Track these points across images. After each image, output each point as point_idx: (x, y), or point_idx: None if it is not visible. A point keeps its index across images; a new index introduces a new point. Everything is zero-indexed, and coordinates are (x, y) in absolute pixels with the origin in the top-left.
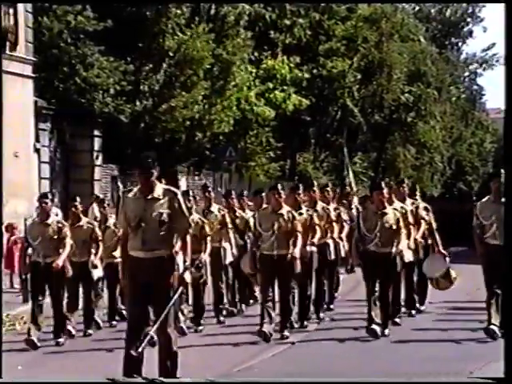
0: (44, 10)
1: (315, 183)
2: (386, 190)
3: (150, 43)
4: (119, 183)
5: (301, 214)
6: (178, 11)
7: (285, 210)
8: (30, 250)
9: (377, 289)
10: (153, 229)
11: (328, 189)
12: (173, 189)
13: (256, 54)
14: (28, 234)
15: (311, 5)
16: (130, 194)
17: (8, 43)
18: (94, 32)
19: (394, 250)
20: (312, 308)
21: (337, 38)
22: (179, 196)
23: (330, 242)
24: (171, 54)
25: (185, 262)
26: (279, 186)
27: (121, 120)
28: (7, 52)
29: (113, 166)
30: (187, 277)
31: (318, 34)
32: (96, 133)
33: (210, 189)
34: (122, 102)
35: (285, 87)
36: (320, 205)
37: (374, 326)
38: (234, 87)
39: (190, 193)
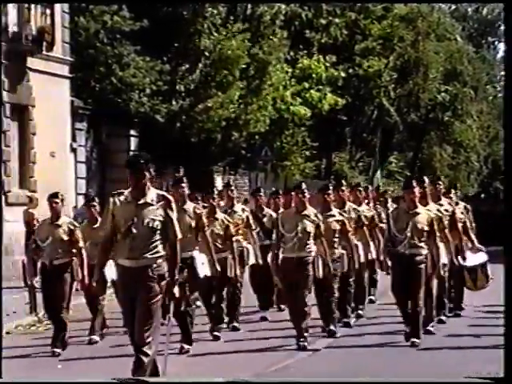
0: (81, 10)
1: (343, 182)
2: (417, 189)
3: (186, 43)
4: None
5: (332, 216)
6: (215, 11)
7: (311, 211)
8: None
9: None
10: (143, 236)
11: (360, 188)
12: (166, 195)
13: (292, 53)
14: (36, 235)
15: (347, 4)
16: (121, 198)
17: (45, 43)
18: (131, 32)
19: (424, 252)
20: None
21: (373, 38)
22: (173, 203)
23: (359, 244)
24: (207, 54)
25: (171, 272)
26: (303, 186)
27: (157, 120)
28: (44, 52)
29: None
30: (175, 289)
31: (354, 34)
32: (132, 132)
33: (232, 187)
34: (158, 101)
35: (321, 87)
36: (349, 205)
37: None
38: (269, 87)
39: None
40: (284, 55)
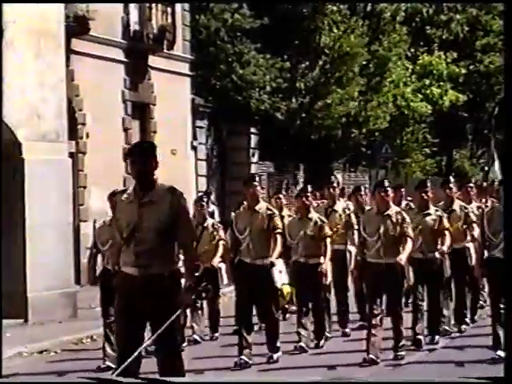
0: (201, 8)
1: (451, 179)
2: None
3: (306, 40)
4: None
5: (429, 214)
6: (335, 8)
7: (393, 210)
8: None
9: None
10: (149, 240)
11: (471, 185)
12: (176, 188)
13: (412, 49)
14: (97, 239)
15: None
16: (123, 196)
17: (166, 42)
18: (251, 29)
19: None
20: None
21: (494, 33)
22: (183, 198)
23: (470, 245)
24: (327, 51)
25: (188, 281)
26: (386, 183)
27: (277, 117)
28: (165, 50)
29: (269, 163)
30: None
31: (475, 30)
32: (252, 130)
33: (335, 184)
34: (278, 99)
35: (441, 83)
36: (457, 203)
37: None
38: (390, 83)
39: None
40: (404, 52)
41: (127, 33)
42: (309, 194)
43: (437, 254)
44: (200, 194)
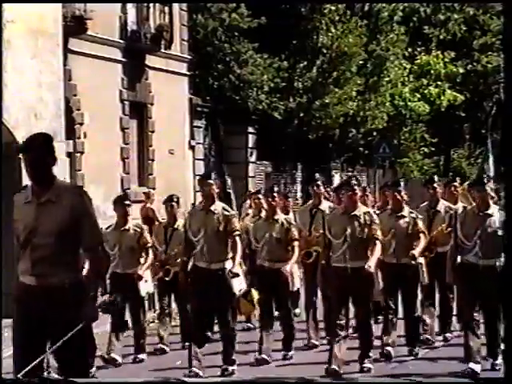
0: (199, 8)
1: (436, 179)
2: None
3: (304, 40)
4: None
5: (402, 216)
6: (333, 8)
7: (361, 211)
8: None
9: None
10: (48, 245)
11: (456, 184)
12: (79, 186)
13: (410, 49)
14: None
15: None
16: (21, 196)
17: (163, 41)
18: (248, 29)
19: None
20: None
21: (492, 33)
22: (86, 196)
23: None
24: (324, 51)
25: (90, 291)
26: (353, 181)
27: (274, 117)
28: (162, 50)
29: (267, 163)
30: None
31: (472, 29)
32: (250, 130)
33: (319, 183)
34: (276, 98)
35: (439, 83)
36: (442, 204)
37: (471, 365)
38: (387, 83)
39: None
40: (402, 51)
41: (125, 32)
42: (275, 195)
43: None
44: (170, 194)
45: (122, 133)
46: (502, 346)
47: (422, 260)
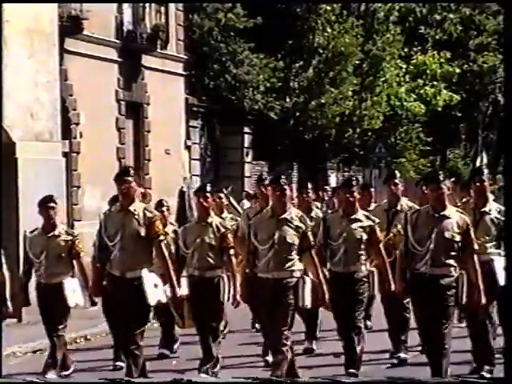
0: (195, 8)
1: (396, 173)
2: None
3: (300, 40)
4: None
5: (356, 220)
6: (328, 7)
7: (292, 213)
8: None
9: None
10: None
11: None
12: None
13: (406, 49)
14: (29, 251)
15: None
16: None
17: (159, 41)
18: (244, 29)
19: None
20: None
21: (488, 33)
22: None
23: None
24: (320, 51)
25: None
26: (282, 179)
27: (270, 117)
28: (158, 50)
29: (262, 163)
30: None
31: (468, 29)
32: (246, 130)
33: (266, 182)
34: (272, 98)
35: (435, 83)
36: (404, 203)
37: None
38: (384, 83)
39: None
40: (398, 51)
41: (121, 32)
42: (208, 195)
43: (363, 268)
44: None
45: (118, 133)
46: (501, 343)
47: (373, 269)
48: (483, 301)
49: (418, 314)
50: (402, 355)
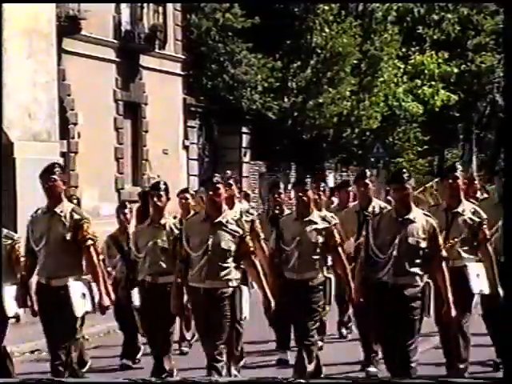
0: (193, 8)
1: (367, 172)
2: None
3: (298, 40)
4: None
5: (311, 222)
6: (326, 7)
7: (229, 216)
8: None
9: None
10: None
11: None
12: None
13: (404, 49)
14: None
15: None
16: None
17: (157, 41)
18: (242, 29)
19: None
20: None
21: (486, 33)
22: None
23: None
24: (318, 51)
25: None
26: (216, 179)
27: (268, 117)
28: (156, 50)
29: (260, 163)
30: None
31: (466, 29)
32: (244, 129)
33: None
34: (270, 98)
35: (433, 83)
36: (376, 204)
37: None
38: (381, 83)
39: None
40: (396, 51)
41: (119, 32)
42: (162, 193)
43: (319, 275)
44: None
45: (116, 133)
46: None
47: (331, 275)
48: (453, 313)
49: (380, 328)
50: (372, 369)
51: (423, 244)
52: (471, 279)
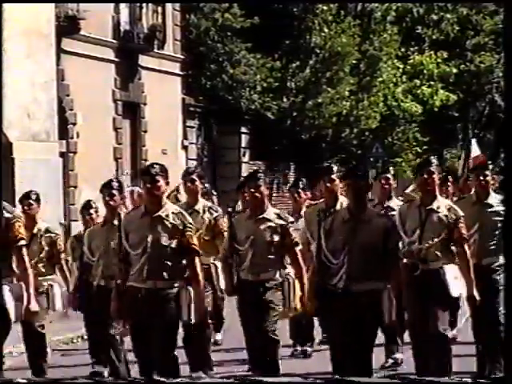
0: (192, 8)
1: (333, 167)
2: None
3: (297, 40)
4: None
5: (265, 220)
6: (325, 7)
7: (169, 210)
8: None
9: None
10: None
11: (388, 175)
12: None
13: (403, 49)
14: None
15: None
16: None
17: (156, 41)
18: (241, 29)
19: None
20: None
21: (485, 33)
22: None
23: None
24: (317, 51)
25: None
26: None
27: (267, 117)
28: (155, 50)
29: (260, 163)
30: None
31: (465, 29)
32: (243, 129)
33: (194, 177)
34: (269, 98)
35: (432, 83)
36: (343, 202)
37: None
38: (380, 83)
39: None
40: (395, 51)
41: (118, 32)
42: (115, 193)
43: (276, 275)
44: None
45: (115, 133)
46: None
47: (290, 276)
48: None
49: (333, 336)
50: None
51: (379, 246)
52: (449, 282)
